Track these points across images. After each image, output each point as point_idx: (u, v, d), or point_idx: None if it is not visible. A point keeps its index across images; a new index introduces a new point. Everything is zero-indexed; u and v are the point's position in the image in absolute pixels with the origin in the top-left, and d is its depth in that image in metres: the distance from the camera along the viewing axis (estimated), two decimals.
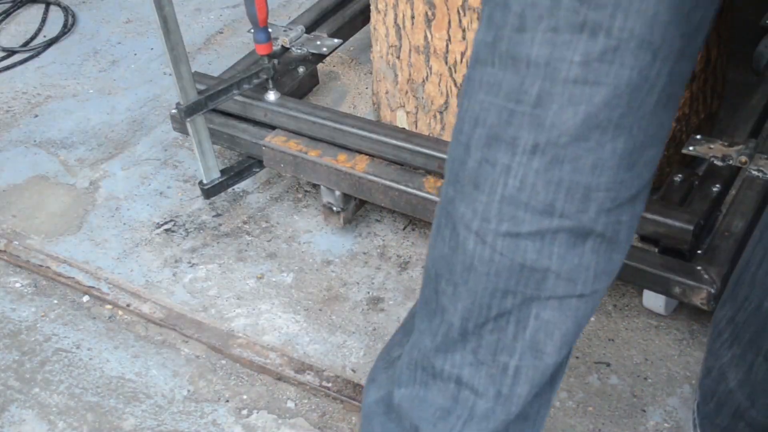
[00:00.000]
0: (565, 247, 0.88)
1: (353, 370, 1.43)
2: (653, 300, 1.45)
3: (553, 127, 0.84)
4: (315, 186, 1.77)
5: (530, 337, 0.92)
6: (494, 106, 0.86)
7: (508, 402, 0.95)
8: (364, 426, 1.09)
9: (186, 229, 1.72)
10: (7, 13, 2.43)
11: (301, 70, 1.80)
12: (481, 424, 0.96)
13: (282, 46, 1.79)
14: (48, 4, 2.46)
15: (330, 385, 1.40)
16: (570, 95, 0.82)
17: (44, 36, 2.35)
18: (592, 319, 1.47)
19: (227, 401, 1.40)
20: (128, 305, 1.56)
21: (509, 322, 0.92)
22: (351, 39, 2.00)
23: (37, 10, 2.46)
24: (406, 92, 1.65)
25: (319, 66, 2.00)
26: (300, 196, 1.78)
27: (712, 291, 1.31)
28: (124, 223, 1.75)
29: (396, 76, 1.65)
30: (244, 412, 1.39)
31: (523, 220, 0.87)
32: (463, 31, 1.48)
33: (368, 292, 1.56)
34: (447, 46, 1.51)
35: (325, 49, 1.81)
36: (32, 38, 2.33)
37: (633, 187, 0.87)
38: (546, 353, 0.93)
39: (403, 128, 1.65)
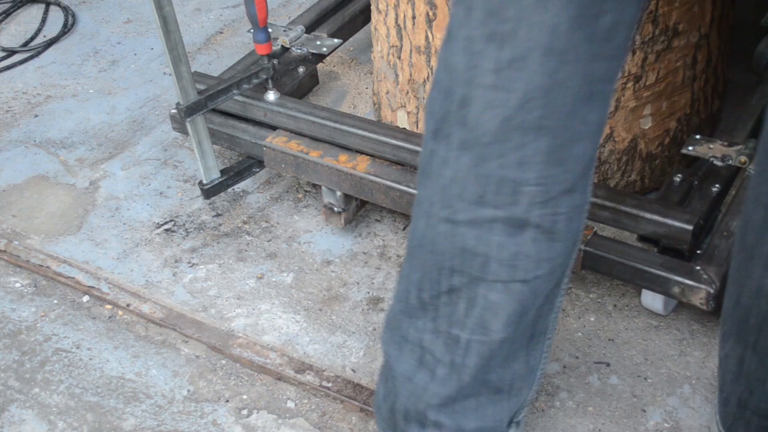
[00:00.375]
0: (504, 236, 0.95)
1: (353, 370, 1.43)
2: (652, 300, 1.45)
3: (476, 127, 0.91)
4: (315, 186, 1.77)
5: (479, 315, 0.99)
6: (438, 102, 0.95)
7: (460, 371, 1.03)
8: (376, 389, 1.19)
9: (186, 229, 1.72)
10: (7, 13, 2.44)
11: (301, 70, 1.80)
12: (440, 387, 1.05)
13: (282, 46, 1.79)
14: (48, 4, 2.46)
15: (330, 385, 1.40)
16: (487, 100, 0.89)
17: (44, 36, 2.35)
18: (592, 318, 1.47)
19: (227, 401, 1.40)
20: (128, 305, 1.56)
21: (460, 298, 0.99)
22: (351, 39, 2.00)
23: (37, 10, 2.46)
24: (407, 92, 1.65)
25: (319, 66, 2.01)
26: (300, 196, 1.78)
27: (711, 291, 1.31)
28: (124, 223, 1.75)
29: (397, 76, 1.65)
30: (244, 412, 1.39)
31: (459, 209, 0.95)
32: None
33: (368, 292, 1.56)
34: None
35: (325, 49, 1.81)
36: (32, 38, 2.33)
37: (565, 181, 0.93)
38: (493, 330, 1.00)
39: (404, 128, 1.65)
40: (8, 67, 2.23)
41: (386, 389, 1.12)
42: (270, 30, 1.63)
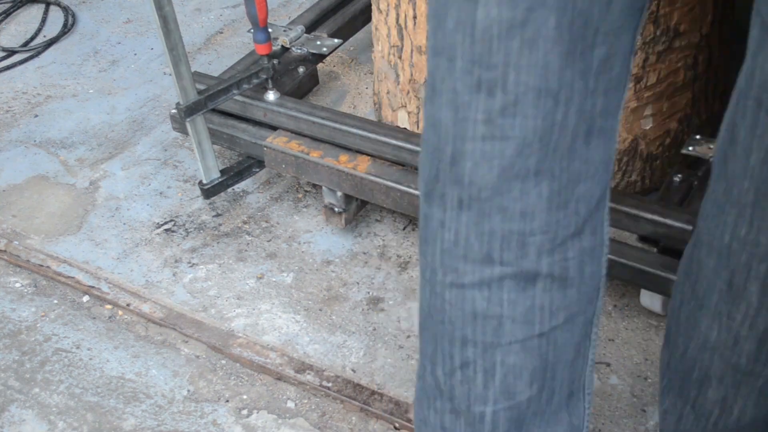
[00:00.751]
0: (515, 293, 0.88)
1: (353, 370, 1.43)
2: (650, 300, 1.45)
3: (472, 184, 0.85)
4: (315, 186, 1.77)
5: (500, 383, 0.92)
6: (427, 162, 0.89)
7: None
8: None
9: (186, 229, 1.72)
10: (7, 13, 2.44)
11: (301, 70, 1.80)
12: None
13: (282, 46, 1.79)
14: (48, 4, 2.46)
15: (330, 385, 1.40)
16: (481, 152, 0.83)
17: (44, 36, 2.35)
18: None
19: (227, 401, 1.40)
20: (128, 305, 1.56)
21: (476, 372, 0.92)
22: (351, 39, 2.00)
23: (37, 10, 2.46)
24: (408, 92, 1.65)
25: (319, 66, 2.00)
26: (300, 196, 1.78)
27: None
28: (124, 223, 1.75)
29: (398, 76, 1.65)
30: (244, 412, 1.39)
31: (465, 271, 0.88)
32: None
33: (368, 292, 1.56)
34: None
35: (325, 49, 1.81)
36: (32, 38, 2.33)
37: (571, 225, 0.88)
38: (518, 392, 0.93)
39: (404, 128, 1.65)
40: (8, 67, 2.23)
41: None
42: (270, 30, 1.63)
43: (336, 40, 1.83)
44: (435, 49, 0.83)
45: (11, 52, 2.29)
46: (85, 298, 1.60)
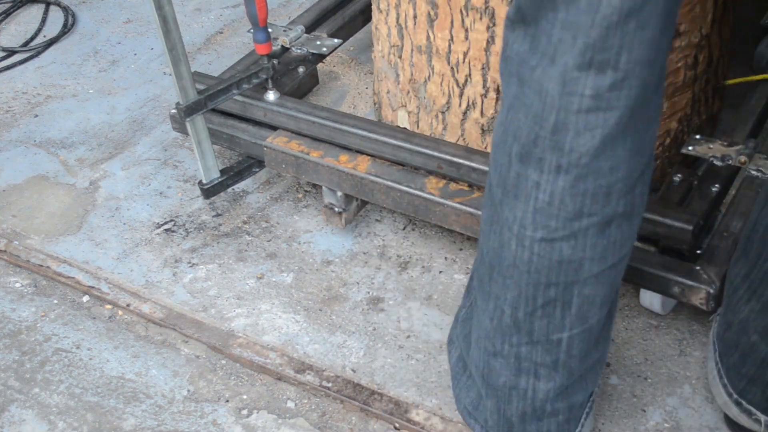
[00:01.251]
0: (596, 237, 0.99)
1: (353, 370, 1.43)
2: (650, 299, 1.45)
3: (572, 151, 0.93)
4: (315, 186, 1.77)
5: (576, 312, 1.04)
6: (526, 126, 0.96)
7: (566, 366, 1.09)
8: (453, 384, 1.28)
9: (186, 229, 1.72)
10: (7, 13, 2.44)
11: (301, 70, 1.80)
12: (550, 383, 1.10)
13: (282, 46, 1.79)
14: (48, 4, 2.46)
15: (330, 385, 1.40)
16: (585, 123, 0.92)
17: (44, 36, 2.35)
18: None
19: (227, 401, 1.40)
20: (128, 305, 1.56)
21: (556, 307, 1.03)
22: (351, 39, 2.00)
23: (37, 10, 2.46)
24: (408, 92, 1.65)
25: (319, 66, 2.01)
26: (300, 196, 1.78)
27: (711, 291, 1.31)
28: (124, 223, 1.75)
29: (398, 75, 1.65)
30: (244, 412, 1.39)
31: (556, 227, 0.98)
32: (466, 31, 1.48)
33: (368, 292, 1.56)
34: (449, 46, 1.51)
35: (325, 49, 1.81)
36: (32, 38, 2.33)
37: (641, 166, 0.98)
38: (591, 316, 1.05)
39: (404, 128, 1.65)
40: (8, 67, 2.23)
41: (492, 402, 1.17)
42: (270, 30, 1.63)
43: (336, 40, 1.83)
44: (565, 23, 0.90)
45: (11, 52, 2.29)
46: (85, 298, 1.60)
